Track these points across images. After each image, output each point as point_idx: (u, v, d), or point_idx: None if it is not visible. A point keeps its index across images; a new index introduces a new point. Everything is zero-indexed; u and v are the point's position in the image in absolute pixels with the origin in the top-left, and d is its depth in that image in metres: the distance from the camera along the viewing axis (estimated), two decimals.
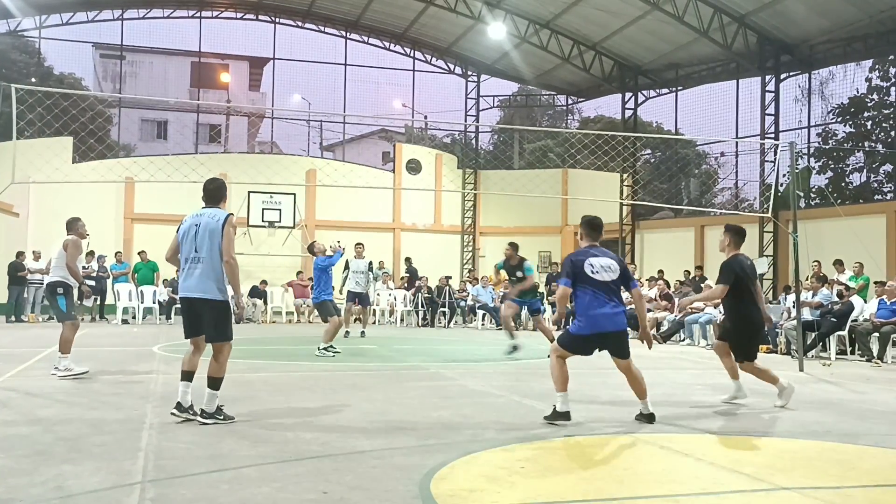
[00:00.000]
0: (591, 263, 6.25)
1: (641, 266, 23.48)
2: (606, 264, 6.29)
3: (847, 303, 13.20)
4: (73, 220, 9.20)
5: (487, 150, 31.23)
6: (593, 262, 6.26)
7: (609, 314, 6.19)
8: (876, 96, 23.17)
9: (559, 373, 6.35)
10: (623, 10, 20.63)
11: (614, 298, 6.24)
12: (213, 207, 6.29)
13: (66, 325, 8.72)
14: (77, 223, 9.15)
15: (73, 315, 8.90)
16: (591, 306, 6.19)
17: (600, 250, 6.44)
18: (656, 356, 12.80)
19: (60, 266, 8.91)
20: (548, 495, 4.19)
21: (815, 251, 14.48)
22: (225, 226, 6.09)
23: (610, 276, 6.24)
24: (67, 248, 8.83)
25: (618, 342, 6.31)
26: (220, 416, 5.97)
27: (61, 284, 8.85)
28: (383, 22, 26.20)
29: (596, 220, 6.63)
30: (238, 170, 24.09)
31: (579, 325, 6.29)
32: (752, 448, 5.59)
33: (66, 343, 8.64)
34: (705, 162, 27.97)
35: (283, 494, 4.07)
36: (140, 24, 25.92)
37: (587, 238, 6.53)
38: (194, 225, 6.19)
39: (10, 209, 21.14)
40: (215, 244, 6.06)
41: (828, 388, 9.09)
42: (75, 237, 8.98)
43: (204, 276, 6.04)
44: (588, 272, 6.22)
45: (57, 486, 4.16)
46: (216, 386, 6.01)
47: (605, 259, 6.32)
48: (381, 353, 12.60)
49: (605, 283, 6.21)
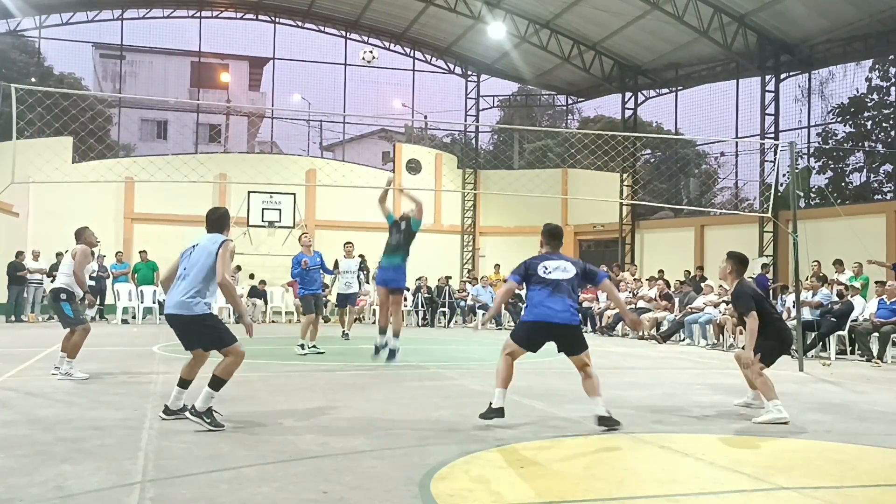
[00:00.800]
0: (546, 266, 6.40)
1: (641, 266, 23.48)
2: (561, 265, 6.41)
3: (847, 302, 13.20)
4: (81, 230, 9.15)
5: (487, 150, 31.23)
6: (547, 265, 6.41)
7: (556, 307, 6.21)
8: (876, 96, 23.14)
9: (503, 368, 6.35)
10: (623, 9, 20.63)
11: (565, 295, 6.26)
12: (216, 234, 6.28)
13: (77, 331, 8.68)
14: (86, 232, 9.09)
15: (82, 319, 8.83)
16: (539, 298, 6.28)
17: (558, 256, 6.57)
18: (656, 356, 12.82)
19: (66, 273, 8.87)
20: (548, 495, 4.19)
21: (815, 251, 14.48)
22: (220, 248, 6.03)
23: (562, 276, 6.33)
24: (76, 256, 8.78)
25: (567, 337, 6.27)
26: (206, 419, 5.77)
27: (64, 291, 8.81)
28: (383, 22, 26.20)
29: (556, 229, 6.81)
30: (238, 170, 24.12)
31: (525, 314, 6.44)
32: (752, 448, 5.59)
33: (75, 347, 8.61)
34: (705, 162, 27.97)
35: (282, 494, 4.07)
36: (140, 24, 25.93)
37: (546, 246, 6.66)
38: (192, 247, 6.20)
39: (10, 209, 21.15)
40: (206, 264, 6.01)
41: (828, 388, 9.09)
42: (84, 246, 8.89)
43: (182, 292, 5.99)
44: (541, 273, 6.35)
45: (57, 486, 4.16)
46: (216, 386, 5.91)
47: (561, 261, 6.46)
48: (380, 353, 12.56)
49: (556, 280, 6.30)
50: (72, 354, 8.58)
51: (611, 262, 23.90)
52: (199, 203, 24.22)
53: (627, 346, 14.43)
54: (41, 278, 19.30)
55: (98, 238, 9.52)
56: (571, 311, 6.32)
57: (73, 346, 8.59)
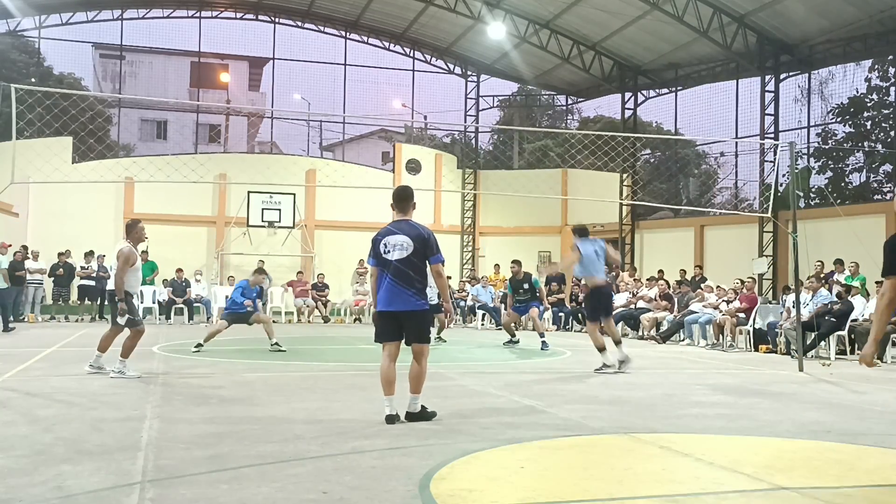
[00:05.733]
0: (385, 242, 6.10)
1: (641, 266, 23.48)
2: (399, 242, 6.06)
3: (847, 302, 13.20)
4: (131, 224, 9.18)
5: (487, 150, 31.24)
6: (387, 241, 6.09)
7: (391, 293, 6.04)
8: (875, 96, 23.14)
9: (382, 372, 6.18)
10: (623, 10, 20.63)
11: (400, 278, 6.01)
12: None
13: (132, 332, 8.77)
14: (136, 227, 9.09)
15: (138, 321, 8.89)
16: (381, 285, 6.13)
17: (405, 225, 6.17)
18: (656, 356, 12.81)
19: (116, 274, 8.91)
20: (548, 495, 4.19)
21: (815, 251, 14.47)
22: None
23: (399, 255, 6.03)
24: (118, 258, 8.73)
25: (408, 324, 6.09)
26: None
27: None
28: (383, 22, 26.20)
29: (402, 190, 6.41)
30: (238, 170, 24.12)
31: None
32: (752, 448, 5.58)
33: (128, 349, 8.70)
34: (705, 162, 27.98)
35: (282, 494, 4.07)
36: (140, 24, 25.95)
37: (395, 212, 6.28)
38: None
39: (10, 209, 21.14)
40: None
41: (828, 388, 9.08)
42: (129, 247, 8.81)
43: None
44: (381, 251, 6.10)
45: (57, 486, 4.15)
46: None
47: (400, 237, 6.07)
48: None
49: (391, 262, 6.03)
50: (125, 354, 8.67)
51: (611, 263, 23.91)
52: (199, 203, 24.38)
53: (627, 346, 14.41)
54: (41, 278, 19.29)
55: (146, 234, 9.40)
56: (407, 296, 6.03)
57: (127, 348, 8.69)
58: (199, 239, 24.29)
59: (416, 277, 6.08)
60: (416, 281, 6.07)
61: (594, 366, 10.16)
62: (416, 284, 6.08)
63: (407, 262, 6.04)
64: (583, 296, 10.64)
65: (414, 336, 6.18)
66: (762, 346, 14.15)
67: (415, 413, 6.16)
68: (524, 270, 14.32)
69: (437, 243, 6.21)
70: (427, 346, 6.25)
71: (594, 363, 10.27)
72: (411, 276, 6.05)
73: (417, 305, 6.08)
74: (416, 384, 6.18)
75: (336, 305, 22.52)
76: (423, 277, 6.13)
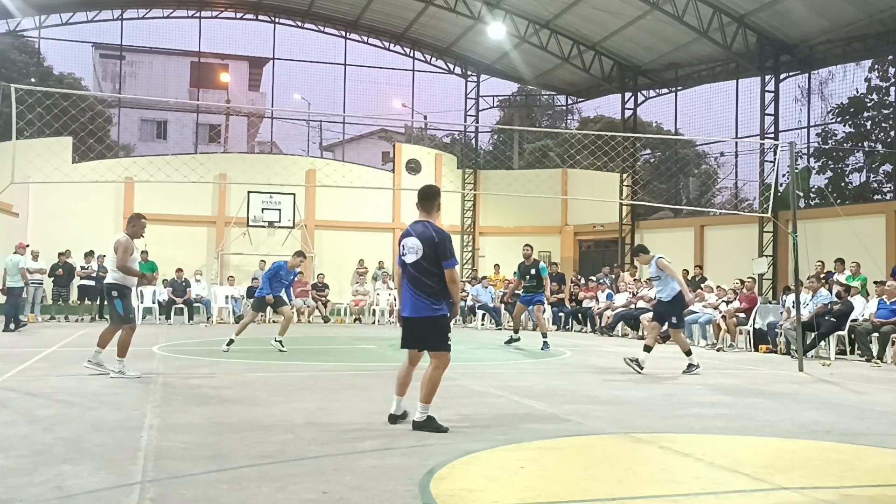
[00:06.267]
0: (404, 244, 5.94)
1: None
2: (412, 245, 5.86)
3: (846, 302, 13.20)
4: (134, 217, 9.17)
5: (487, 150, 31.22)
6: (405, 243, 5.93)
7: (406, 297, 5.91)
8: (875, 96, 23.13)
9: (398, 373, 6.09)
10: (623, 10, 20.63)
11: (413, 282, 5.84)
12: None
13: (125, 329, 8.70)
14: (138, 220, 9.07)
15: (130, 318, 8.84)
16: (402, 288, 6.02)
17: (419, 226, 5.95)
18: (656, 356, 12.80)
19: (113, 268, 8.87)
20: (548, 495, 4.19)
21: (815, 251, 14.48)
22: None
23: (412, 258, 5.84)
24: (117, 250, 8.73)
25: (419, 330, 5.88)
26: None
27: (115, 287, 8.81)
28: (383, 22, 26.20)
29: (424, 189, 6.17)
30: (237, 170, 24.13)
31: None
32: (752, 448, 5.58)
33: (124, 346, 8.63)
34: (705, 162, 27.97)
35: (282, 494, 4.07)
36: (140, 24, 25.95)
37: (419, 211, 6.09)
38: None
39: (10, 209, 21.14)
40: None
41: (828, 388, 9.08)
42: (126, 238, 8.81)
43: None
44: (401, 253, 5.95)
45: (57, 486, 4.15)
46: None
47: (413, 239, 5.87)
48: (380, 353, 12.59)
49: (406, 266, 5.88)
50: (122, 353, 8.61)
51: (611, 263, 23.92)
52: (199, 203, 24.38)
53: (627, 346, 14.42)
54: (41, 279, 19.27)
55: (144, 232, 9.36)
56: (417, 300, 5.83)
57: (122, 345, 8.62)
58: (199, 239, 24.29)
59: (428, 282, 5.81)
60: (428, 286, 5.81)
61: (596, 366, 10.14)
62: (429, 289, 5.81)
63: (418, 266, 5.83)
64: (664, 304, 10.51)
65: (426, 342, 5.93)
66: (762, 346, 14.16)
67: (420, 422, 5.81)
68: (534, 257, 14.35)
69: (451, 247, 5.93)
70: (445, 354, 5.90)
71: (594, 363, 10.27)
72: (423, 281, 5.82)
73: (429, 311, 5.82)
74: (425, 392, 5.83)
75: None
76: (436, 281, 5.83)
